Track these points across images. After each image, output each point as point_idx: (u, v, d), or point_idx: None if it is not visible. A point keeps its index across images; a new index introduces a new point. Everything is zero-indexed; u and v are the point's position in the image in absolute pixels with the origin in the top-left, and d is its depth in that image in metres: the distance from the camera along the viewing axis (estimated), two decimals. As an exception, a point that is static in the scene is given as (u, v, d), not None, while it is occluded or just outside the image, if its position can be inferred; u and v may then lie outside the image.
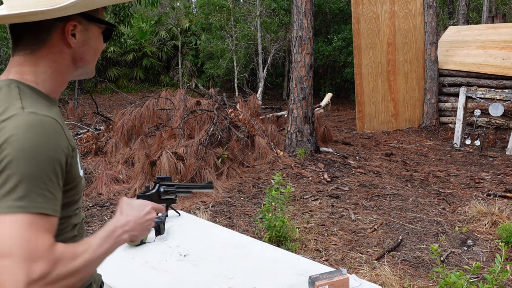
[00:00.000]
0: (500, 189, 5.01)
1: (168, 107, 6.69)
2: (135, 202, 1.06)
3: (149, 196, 1.15)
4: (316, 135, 6.61)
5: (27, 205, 0.77)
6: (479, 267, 2.11)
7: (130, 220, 1.00)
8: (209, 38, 15.03)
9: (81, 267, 0.84)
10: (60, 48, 0.95)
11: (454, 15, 17.21)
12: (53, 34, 0.93)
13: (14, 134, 0.79)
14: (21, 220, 0.76)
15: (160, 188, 1.18)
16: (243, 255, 1.80)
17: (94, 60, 1.03)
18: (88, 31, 0.98)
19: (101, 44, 1.03)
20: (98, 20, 0.99)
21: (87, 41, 0.98)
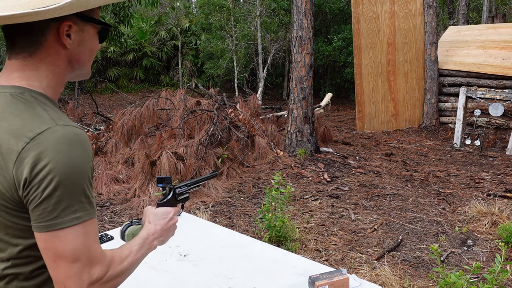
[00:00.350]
0: (500, 189, 5.01)
1: (168, 107, 6.69)
2: (159, 211, 1.16)
3: (168, 202, 1.23)
4: (316, 135, 6.61)
5: (82, 215, 0.85)
6: (479, 267, 2.11)
7: (158, 228, 1.12)
8: (209, 38, 15.03)
9: (126, 269, 0.96)
10: (56, 50, 0.93)
11: (454, 15, 17.21)
12: (48, 36, 0.91)
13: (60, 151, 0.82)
14: (81, 229, 0.85)
15: (176, 191, 1.27)
16: (243, 255, 1.80)
17: (90, 61, 1.02)
18: (84, 31, 0.96)
19: (97, 45, 1.02)
20: (94, 20, 0.97)
21: (82, 42, 0.96)
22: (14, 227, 0.88)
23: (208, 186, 4.98)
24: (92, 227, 0.88)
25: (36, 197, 0.81)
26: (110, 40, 8.89)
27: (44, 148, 0.81)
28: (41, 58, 0.92)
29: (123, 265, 0.95)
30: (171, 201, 1.24)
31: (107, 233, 2.04)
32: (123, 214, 4.40)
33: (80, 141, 0.86)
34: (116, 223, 4.15)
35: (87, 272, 0.85)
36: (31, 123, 0.84)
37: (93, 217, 0.88)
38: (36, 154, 0.81)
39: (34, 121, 0.84)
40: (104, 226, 4.10)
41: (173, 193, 1.26)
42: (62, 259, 0.83)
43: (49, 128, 0.83)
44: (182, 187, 1.30)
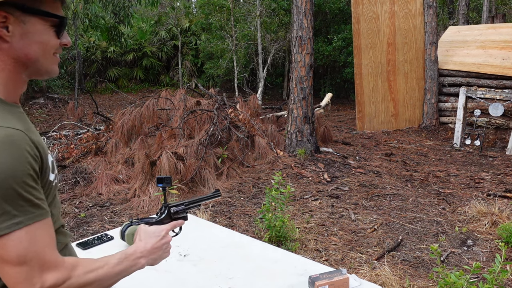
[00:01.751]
0: (500, 189, 5.01)
1: (168, 107, 6.69)
2: (151, 229, 1.12)
3: (161, 221, 1.20)
4: (316, 135, 6.61)
5: (23, 220, 0.80)
6: (479, 267, 2.11)
7: (148, 246, 1.07)
8: (209, 38, 15.03)
9: (94, 280, 0.90)
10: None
11: (454, 15, 17.21)
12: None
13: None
14: (24, 235, 0.80)
15: (171, 210, 1.23)
16: (243, 255, 1.80)
17: (45, 56, 0.93)
18: (26, 23, 0.88)
19: (52, 39, 0.93)
20: (38, 12, 0.89)
21: (26, 35, 0.88)
22: None
23: (208, 186, 4.98)
24: (40, 230, 0.82)
25: None
26: (110, 40, 8.89)
27: None
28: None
29: (90, 276, 0.89)
30: (164, 220, 1.20)
31: (107, 233, 2.04)
32: (123, 214, 4.40)
33: (10, 142, 0.79)
34: (116, 223, 4.15)
35: (38, 277, 0.81)
36: None
37: (40, 220, 0.82)
38: None
39: None
40: (104, 226, 4.10)
41: (168, 212, 1.23)
42: (7, 264, 0.80)
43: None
44: (179, 205, 1.26)
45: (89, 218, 4.30)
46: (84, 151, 6.30)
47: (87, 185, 5.17)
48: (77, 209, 4.55)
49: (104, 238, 1.96)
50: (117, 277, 0.97)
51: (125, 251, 1.03)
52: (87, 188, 5.09)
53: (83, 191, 5.04)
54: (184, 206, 1.27)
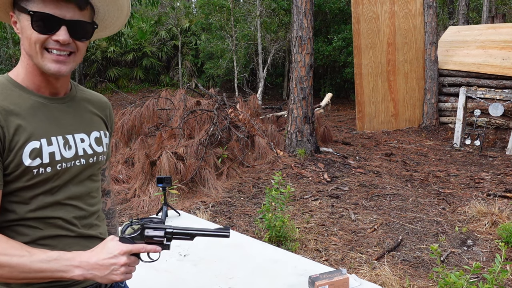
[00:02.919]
0: (500, 189, 5.01)
1: (168, 107, 6.69)
2: (109, 244, 1.01)
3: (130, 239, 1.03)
4: (316, 135, 6.61)
5: None
6: (479, 267, 2.11)
7: (92, 260, 0.97)
8: (209, 38, 15.04)
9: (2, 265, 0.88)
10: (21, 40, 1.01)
11: (454, 15, 17.21)
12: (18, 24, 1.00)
13: None
14: None
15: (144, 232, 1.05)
16: (243, 255, 1.80)
17: (33, 51, 0.99)
18: (20, 20, 0.99)
19: (31, 34, 0.97)
20: (21, 8, 0.98)
21: (22, 31, 0.99)
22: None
23: (208, 186, 4.98)
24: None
25: None
26: (110, 40, 8.89)
27: None
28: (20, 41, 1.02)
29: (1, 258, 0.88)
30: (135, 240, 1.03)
31: (107, 233, 2.04)
32: (123, 214, 4.40)
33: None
34: (116, 223, 4.15)
35: None
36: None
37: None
38: None
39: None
40: (104, 226, 4.09)
41: (141, 232, 1.05)
42: None
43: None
44: (157, 229, 1.06)
45: (89, 218, 4.30)
46: (84, 151, 6.29)
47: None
48: (77, 209, 4.55)
49: (104, 238, 1.96)
50: (36, 274, 0.91)
51: (64, 253, 0.96)
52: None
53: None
54: (164, 234, 1.06)
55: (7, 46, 13.38)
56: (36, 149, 0.98)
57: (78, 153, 1.08)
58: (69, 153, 1.05)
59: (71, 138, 1.06)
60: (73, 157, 1.06)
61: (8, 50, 13.13)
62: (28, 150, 0.97)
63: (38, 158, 0.98)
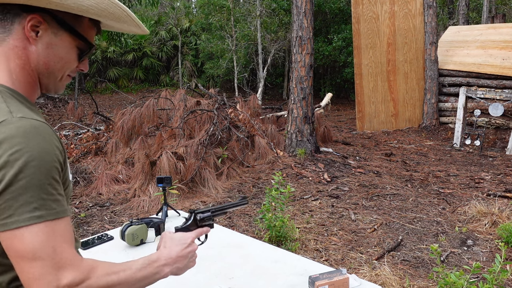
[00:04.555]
0: (500, 189, 5.01)
1: (168, 107, 6.69)
2: (176, 236, 1.08)
3: (187, 227, 1.15)
4: (316, 135, 6.62)
5: (44, 215, 0.77)
6: (479, 267, 2.11)
7: (173, 254, 1.03)
8: (209, 38, 15.04)
9: (115, 284, 0.86)
10: (23, 43, 0.88)
11: (454, 15, 17.21)
12: (16, 25, 0.88)
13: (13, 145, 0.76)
14: (42, 229, 0.77)
15: (197, 217, 1.19)
16: (243, 255, 1.80)
17: (60, 71, 0.94)
18: (57, 36, 0.91)
19: (73, 58, 0.95)
20: (71, 30, 0.92)
21: (51, 45, 0.91)
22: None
23: (208, 186, 4.98)
24: (60, 227, 0.79)
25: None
26: (110, 40, 8.89)
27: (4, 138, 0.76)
28: (10, 47, 0.88)
29: (112, 278, 0.86)
30: (190, 227, 1.16)
31: (107, 233, 2.04)
32: (123, 214, 4.41)
33: (39, 133, 0.79)
34: (116, 223, 4.15)
35: (54, 274, 0.77)
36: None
37: (60, 217, 0.80)
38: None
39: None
40: (104, 226, 4.10)
41: (194, 218, 1.18)
42: (23, 259, 0.76)
43: (5, 121, 0.78)
44: (205, 212, 1.21)
45: (89, 218, 4.31)
46: (84, 151, 6.30)
47: (87, 185, 5.17)
48: (77, 209, 4.56)
49: (104, 238, 1.96)
50: (139, 284, 0.92)
51: (149, 257, 0.98)
52: (87, 188, 5.09)
53: (83, 191, 5.04)
54: (211, 213, 1.22)
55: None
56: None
57: None
58: None
59: None
60: None
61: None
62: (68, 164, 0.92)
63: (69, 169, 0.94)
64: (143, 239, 1.91)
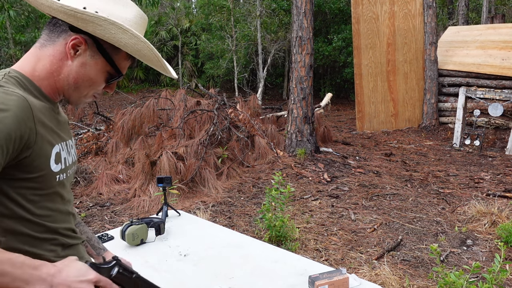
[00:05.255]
0: (500, 189, 5.02)
1: (168, 107, 6.70)
2: (78, 265, 0.90)
3: (99, 269, 0.93)
4: (316, 135, 6.62)
5: None
6: (479, 266, 2.12)
7: (61, 276, 0.86)
8: (209, 38, 15.05)
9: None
10: (61, 55, 0.98)
11: (454, 15, 17.21)
12: (61, 39, 0.98)
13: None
14: None
15: (114, 268, 0.95)
16: (243, 255, 1.80)
17: (85, 90, 1.02)
18: (93, 58, 1.00)
19: (100, 81, 1.03)
20: (107, 57, 1.01)
21: (85, 65, 0.99)
22: None
23: (208, 186, 4.99)
24: None
25: None
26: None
27: None
28: (47, 54, 0.98)
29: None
30: (102, 271, 0.93)
31: (107, 233, 2.05)
32: (123, 214, 4.41)
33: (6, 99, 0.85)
34: (116, 223, 4.16)
35: None
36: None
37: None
38: None
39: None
40: (105, 226, 4.10)
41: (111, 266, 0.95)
42: None
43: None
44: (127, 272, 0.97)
45: (90, 218, 4.31)
46: (85, 151, 6.31)
47: (87, 185, 5.18)
48: (78, 209, 4.56)
49: (104, 238, 1.97)
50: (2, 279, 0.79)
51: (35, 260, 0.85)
52: (88, 188, 5.10)
53: (84, 191, 5.04)
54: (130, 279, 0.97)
55: (8, 46, 13.39)
56: (58, 154, 1.00)
57: (73, 159, 1.11)
58: (70, 159, 1.08)
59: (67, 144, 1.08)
60: (72, 163, 1.10)
61: (9, 50, 13.14)
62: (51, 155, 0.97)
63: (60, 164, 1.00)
64: (143, 239, 1.91)
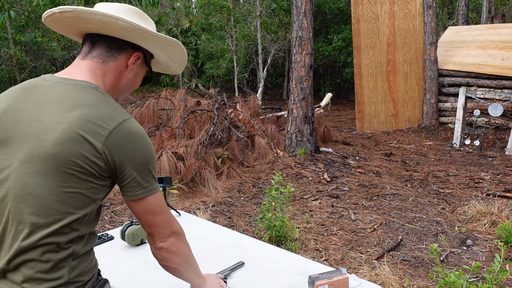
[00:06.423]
0: (500, 189, 5.02)
1: (168, 107, 6.69)
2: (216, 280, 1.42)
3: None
4: (316, 135, 6.62)
5: (156, 187, 1.14)
6: (479, 266, 2.12)
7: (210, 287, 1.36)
8: (209, 38, 15.04)
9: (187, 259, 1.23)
10: (121, 68, 1.17)
11: (454, 15, 17.22)
12: (122, 55, 1.16)
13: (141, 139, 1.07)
14: (158, 195, 1.14)
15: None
16: (243, 255, 1.80)
17: (129, 92, 1.25)
18: (141, 68, 1.24)
19: (138, 83, 1.26)
20: (149, 66, 1.26)
21: (137, 74, 1.23)
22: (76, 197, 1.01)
23: (208, 186, 4.99)
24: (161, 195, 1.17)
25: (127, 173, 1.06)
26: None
27: (130, 133, 1.05)
28: (111, 68, 1.15)
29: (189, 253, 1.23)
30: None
31: (107, 233, 2.04)
32: (123, 214, 4.41)
33: (146, 134, 1.11)
34: (117, 223, 4.16)
35: (174, 221, 1.18)
36: (116, 111, 1.06)
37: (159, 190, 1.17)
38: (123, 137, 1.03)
39: (117, 110, 1.06)
40: (105, 226, 4.10)
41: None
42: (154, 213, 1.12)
43: (129, 119, 1.07)
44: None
45: (89, 218, 4.30)
46: (84, 151, 6.30)
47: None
48: (77, 209, 4.55)
49: (104, 238, 1.97)
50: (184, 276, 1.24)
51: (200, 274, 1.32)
52: (87, 188, 5.09)
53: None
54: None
55: (8, 46, 13.38)
56: None
57: None
58: None
59: None
60: None
61: (9, 50, 13.13)
62: None
63: None
64: (143, 239, 1.91)
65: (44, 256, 0.99)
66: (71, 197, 1.00)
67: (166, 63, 1.32)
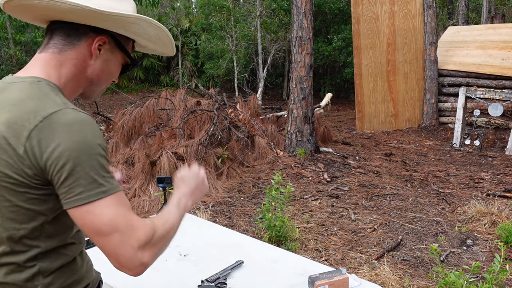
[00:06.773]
0: (500, 189, 5.02)
1: (168, 107, 6.70)
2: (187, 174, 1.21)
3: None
4: (316, 135, 6.62)
5: (109, 189, 0.88)
6: (479, 266, 2.12)
7: (193, 188, 1.18)
8: (209, 38, 15.05)
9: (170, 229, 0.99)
10: (84, 57, 1.01)
11: (454, 15, 17.21)
12: (83, 42, 1.00)
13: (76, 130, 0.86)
14: (110, 202, 0.87)
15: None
16: (243, 255, 1.80)
17: (105, 84, 1.09)
18: (113, 54, 1.05)
19: (117, 73, 1.10)
20: (125, 51, 1.07)
21: (107, 62, 1.05)
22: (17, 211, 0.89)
23: (208, 186, 4.98)
24: (122, 199, 0.90)
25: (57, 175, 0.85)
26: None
27: (57, 127, 0.85)
28: (69, 58, 0.99)
29: (167, 225, 0.98)
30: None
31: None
32: (123, 214, 4.41)
33: (90, 122, 0.90)
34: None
35: (133, 237, 0.87)
36: (45, 104, 0.88)
37: (120, 191, 0.91)
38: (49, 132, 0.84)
39: (46, 103, 0.88)
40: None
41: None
42: (101, 233, 0.86)
43: (61, 110, 0.87)
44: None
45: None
46: (84, 151, 6.30)
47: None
48: (78, 209, 4.56)
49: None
50: (178, 224, 1.04)
51: (175, 200, 1.09)
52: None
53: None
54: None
55: (8, 47, 13.38)
56: None
57: None
58: None
59: None
60: None
61: (9, 51, 13.14)
62: None
63: None
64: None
65: (8, 278, 0.92)
66: (12, 211, 0.89)
67: (145, 44, 1.13)
